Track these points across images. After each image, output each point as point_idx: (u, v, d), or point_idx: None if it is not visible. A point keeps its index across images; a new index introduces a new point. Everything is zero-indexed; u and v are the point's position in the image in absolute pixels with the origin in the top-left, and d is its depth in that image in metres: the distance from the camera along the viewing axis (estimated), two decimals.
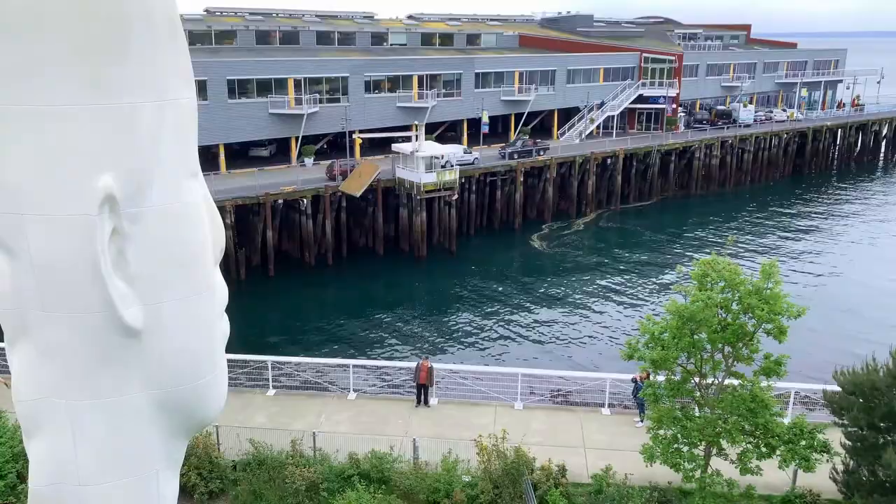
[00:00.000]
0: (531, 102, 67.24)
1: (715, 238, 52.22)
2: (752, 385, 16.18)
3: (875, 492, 14.84)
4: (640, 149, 62.25)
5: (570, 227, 55.36)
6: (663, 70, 76.09)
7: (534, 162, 55.85)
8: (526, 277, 44.52)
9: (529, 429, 20.22)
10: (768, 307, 15.76)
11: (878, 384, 15.87)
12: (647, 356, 16.62)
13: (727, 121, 74.10)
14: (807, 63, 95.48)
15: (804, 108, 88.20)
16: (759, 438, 15.84)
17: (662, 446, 16.03)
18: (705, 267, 16.59)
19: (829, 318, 35.35)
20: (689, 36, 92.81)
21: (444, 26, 79.13)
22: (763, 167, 71.14)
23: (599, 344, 34.26)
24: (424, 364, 21.80)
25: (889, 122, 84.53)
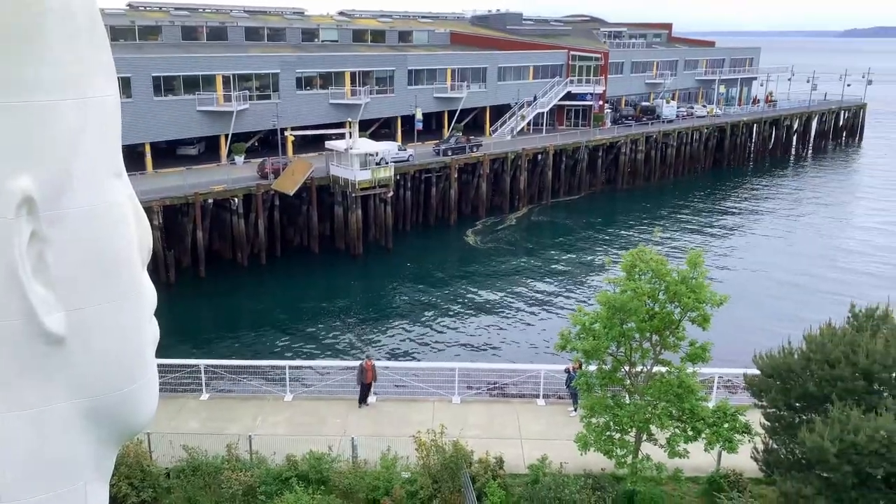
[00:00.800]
0: (464, 99, 67.62)
1: (642, 230, 53.82)
2: (679, 371, 16.75)
3: (792, 468, 15.61)
4: (569, 145, 63.48)
5: (503, 222, 56.02)
6: (590, 68, 77.79)
7: (467, 158, 56.21)
8: (461, 273, 44.81)
9: (467, 422, 20.41)
10: (694, 296, 16.33)
11: (794, 367, 16.69)
12: (579, 347, 16.95)
13: (651, 117, 76.40)
14: (724, 61, 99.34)
15: (722, 104, 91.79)
16: (686, 423, 16.42)
17: (595, 434, 16.43)
18: (633, 258, 17.00)
19: (749, 306, 36.96)
20: (615, 34, 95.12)
21: (376, 23, 78.65)
22: (685, 161, 73.68)
23: (534, 336, 34.82)
24: (368, 364, 21.68)
25: (799, 117, 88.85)
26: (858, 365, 15.43)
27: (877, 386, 15.63)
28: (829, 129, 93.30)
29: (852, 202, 65.00)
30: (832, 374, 15.70)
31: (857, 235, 53.98)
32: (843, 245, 51.35)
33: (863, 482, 14.44)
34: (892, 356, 15.33)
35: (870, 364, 15.34)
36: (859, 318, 17.10)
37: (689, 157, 74.02)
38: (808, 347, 16.82)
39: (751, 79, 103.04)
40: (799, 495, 14.77)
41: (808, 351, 16.77)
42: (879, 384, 15.62)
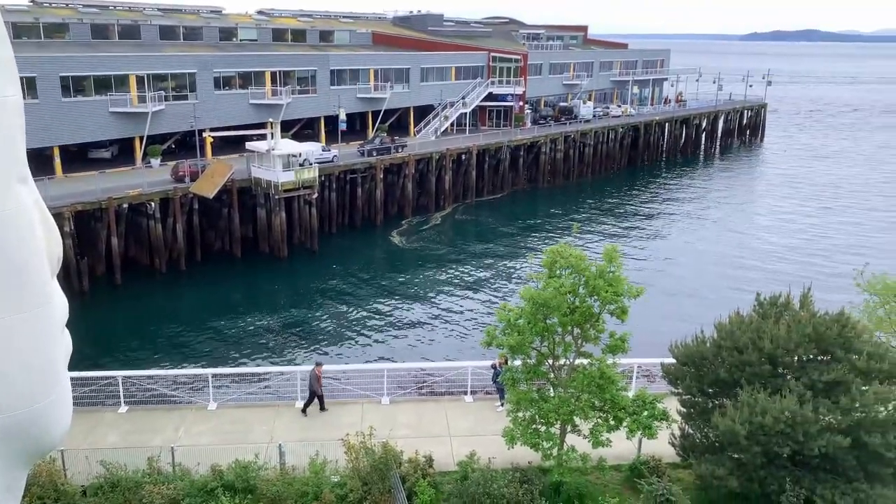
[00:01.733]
0: (387, 100, 67.42)
1: (563, 227, 55.09)
2: (600, 363, 17.22)
3: (707, 451, 16.35)
4: (491, 145, 64.30)
5: (429, 221, 56.20)
6: (510, 69, 79.00)
7: (393, 159, 56.08)
8: (388, 273, 44.69)
9: (397, 423, 20.38)
10: (611, 289, 16.82)
11: (706, 354, 17.48)
12: (504, 342, 17.16)
13: (569, 117, 78.28)
14: (637, 62, 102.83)
15: (636, 104, 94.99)
16: (608, 412, 16.91)
17: (522, 428, 16.71)
18: (554, 255, 17.33)
19: (665, 297, 38.45)
20: (533, 36, 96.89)
21: (296, 22, 77.33)
22: (602, 159, 75.87)
23: (461, 333, 35.10)
24: (319, 370, 21.37)
25: (707, 116, 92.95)
26: (764, 350, 16.29)
27: (781, 370, 16.54)
28: (734, 127, 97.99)
29: (756, 198, 68.51)
30: (741, 359, 16.52)
31: (761, 229, 56.96)
32: (749, 238, 54.06)
33: (770, 461, 15.28)
34: (793, 341, 16.26)
35: (774, 349, 16.23)
36: (764, 307, 18.04)
37: (605, 156, 76.25)
38: (719, 335, 17.64)
39: (662, 80, 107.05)
40: (713, 476, 15.48)
41: (718, 339, 17.58)
42: (783, 368, 16.53)
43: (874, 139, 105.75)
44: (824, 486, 14.72)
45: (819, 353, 16.41)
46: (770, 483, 15.14)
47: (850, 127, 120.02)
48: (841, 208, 62.72)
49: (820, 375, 15.62)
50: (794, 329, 16.35)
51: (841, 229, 55.91)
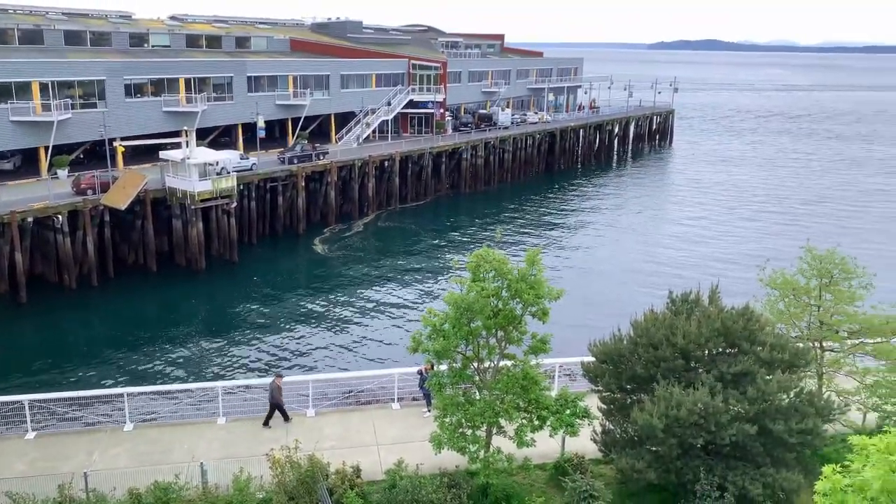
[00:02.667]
0: (307, 107, 66.39)
1: (485, 231, 55.65)
2: (523, 364, 17.44)
3: (627, 446, 16.77)
4: (414, 151, 64.34)
5: (352, 228, 55.63)
6: (430, 76, 79.35)
7: (314, 166, 55.22)
8: (311, 282, 43.89)
9: (323, 434, 19.97)
10: (533, 291, 17.04)
11: (623, 351, 17.95)
12: (430, 348, 17.11)
13: (489, 124, 79.28)
14: (552, 70, 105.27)
15: (552, 111, 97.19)
16: (532, 412, 17.12)
17: (449, 433, 16.69)
18: (477, 259, 17.43)
19: (583, 297, 39.36)
20: (451, 44, 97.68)
21: (211, 28, 75.14)
22: (521, 165, 77.20)
23: (387, 341, 34.81)
24: (278, 381, 20.62)
25: (619, 122, 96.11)
26: (677, 346, 16.86)
27: (693, 363, 17.16)
28: (645, 132, 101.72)
29: (667, 200, 71.23)
30: (656, 355, 17.04)
31: (672, 230, 59.23)
32: (661, 238, 56.12)
33: (685, 452, 15.81)
34: (704, 335, 16.90)
35: (686, 344, 16.82)
36: (676, 304, 18.69)
37: (524, 162, 77.62)
38: (635, 333, 18.15)
39: (576, 87, 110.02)
40: (633, 470, 15.89)
41: (634, 336, 18.09)
42: (695, 361, 17.16)
43: (773, 143, 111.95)
44: (735, 472, 15.34)
45: (727, 346, 17.13)
46: (686, 473, 15.66)
47: (751, 132, 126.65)
48: (744, 209, 65.98)
49: (728, 367, 16.30)
50: (704, 324, 17.00)
51: (744, 229, 58.80)
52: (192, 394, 23.78)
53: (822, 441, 16.18)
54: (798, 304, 20.55)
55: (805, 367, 17.40)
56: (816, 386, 19.34)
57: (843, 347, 20.23)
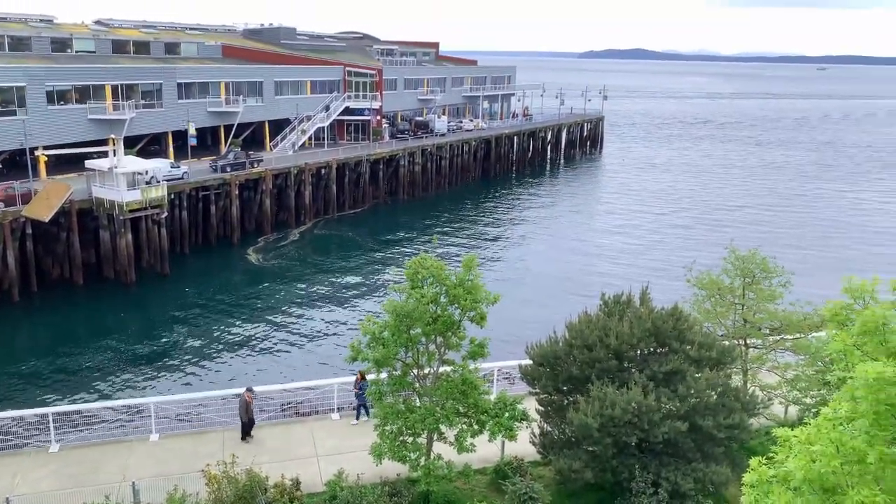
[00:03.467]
0: (240, 114, 65.00)
1: (423, 238, 55.66)
2: (463, 369, 17.47)
3: (564, 447, 17.00)
4: (351, 158, 63.84)
5: (288, 237, 54.71)
6: (366, 83, 79.00)
7: (248, 174, 54.09)
8: (246, 293, 42.87)
9: (261, 448, 19.50)
10: (471, 297, 17.11)
11: (560, 353, 18.21)
12: (370, 356, 16.95)
13: (425, 131, 79.46)
14: (486, 78, 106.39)
15: (487, 119, 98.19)
16: (472, 417, 17.17)
17: (389, 442, 16.56)
18: (415, 266, 17.39)
19: (520, 301, 39.82)
20: (387, 52, 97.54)
21: (139, 34, 72.72)
22: (458, 172, 77.66)
23: (326, 350, 34.33)
24: (248, 396, 19.97)
25: (552, 129, 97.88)
26: (611, 346, 17.23)
27: (626, 363, 17.56)
28: (577, 139, 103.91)
29: (599, 205, 72.89)
30: (590, 356, 17.37)
31: (604, 233, 60.65)
32: (594, 242, 57.37)
33: (620, 451, 16.14)
34: (636, 336, 17.33)
35: (619, 344, 17.20)
36: (609, 306, 19.10)
37: (461, 168, 78.11)
38: (570, 335, 18.45)
39: (510, 95, 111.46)
40: (570, 470, 16.12)
41: (570, 338, 18.38)
42: (628, 361, 17.57)
43: (698, 149, 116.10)
44: (668, 469, 15.76)
45: (658, 345, 17.61)
46: (621, 471, 15.99)
47: (677, 138, 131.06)
48: (672, 213, 68.13)
49: (660, 366, 16.75)
50: (635, 325, 17.43)
51: (672, 232, 60.71)
52: (122, 411, 22.86)
53: (748, 435, 16.79)
54: (723, 303, 21.33)
55: (731, 364, 18.05)
56: (742, 382, 20.11)
57: (766, 344, 21.10)
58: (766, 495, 8.74)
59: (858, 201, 74.38)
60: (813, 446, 8.66)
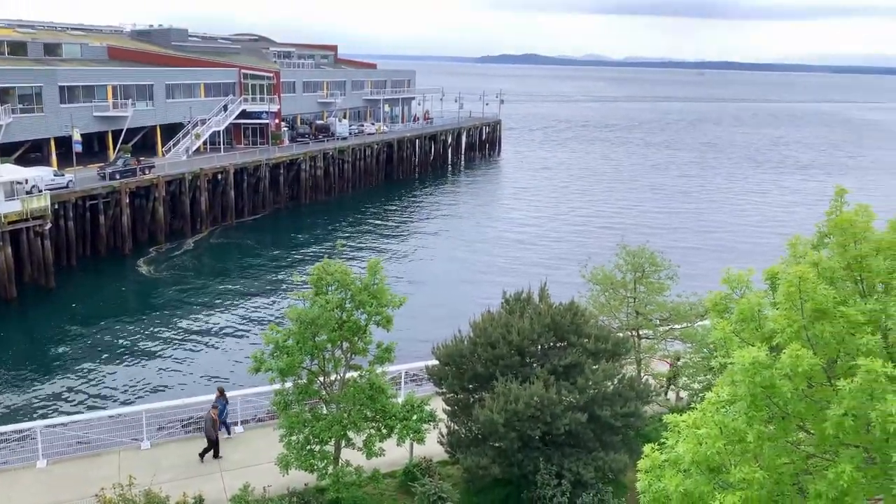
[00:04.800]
0: (129, 118, 61.67)
1: (327, 243, 54.83)
2: (370, 374, 17.33)
3: (471, 444, 17.19)
4: (249, 163, 62.00)
5: (183, 247, 52.43)
6: (263, 86, 76.98)
7: (139, 181, 51.43)
8: (139, 307, 40.70)
9: (161, 467, 18.55)
10: (376, 301, 17.00)
11: (465, 352, 18.40)
12: (274, 366, 16.51)
13: (326, 134, 78.37)
14: (386, 82, 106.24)
15: (388, 122, 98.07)
16: (380, 422, 17.06)
17: (296, 451, 16.18)
18: (319, 271, 17.10)
19: (426, 302, 39.94)
20: (284, 54, 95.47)
21: (14, 33, 67.50)
22: (361, 175, 77.09)
23: (227, 363, 33.12)
24: (213, 413, 18.93)
25: (452, 132, 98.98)
26: (513, 343, 17.58)
27: (528, 359, 17.97)
28: (476, 142, 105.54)
29: (499, 206, 74.36)
30: (494, 353, 17.65)
31: (505, 233, 61.93)
32: (494, 242, 58.45)
33: (525, 444, 16.49)
34: (536, 331, 17.76)
35: (521, 340, 17.58)
36: (510, 303, 19.49)
37: (363, 172, 77.57)
38: (474, 333, 18.68)
39: (410, 98, 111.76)
40: (478, 467, 16.31)
41: (474, 336, 18.61)
42: (530, 357, 17.98)
43: (590, 150, 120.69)
44: (570, 460, 16.25)
45: (557, 339, 18.13)
46: (527, 465, 16.34)
47: (572, 140, 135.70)
48: (567, 212, 70.46)
49: (559, 360, 17.25)
50: (535, 321, 17.87)
51: (568, 230, 62.81)
52: (4, 436, 21.15)
53: (642, 422, 17.59)
54: (616, 296, 22.27)
55: (626, 355, 18.85)
56: (636, 371, 21.05)
57: (657, 334, 22.20)
58: (658, 479, 9.18)
59: (736, 197, 79.72)
60: (699, 430, 9.17)
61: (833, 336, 8.97)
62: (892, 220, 10.11)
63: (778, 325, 9.36)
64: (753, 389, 8.79)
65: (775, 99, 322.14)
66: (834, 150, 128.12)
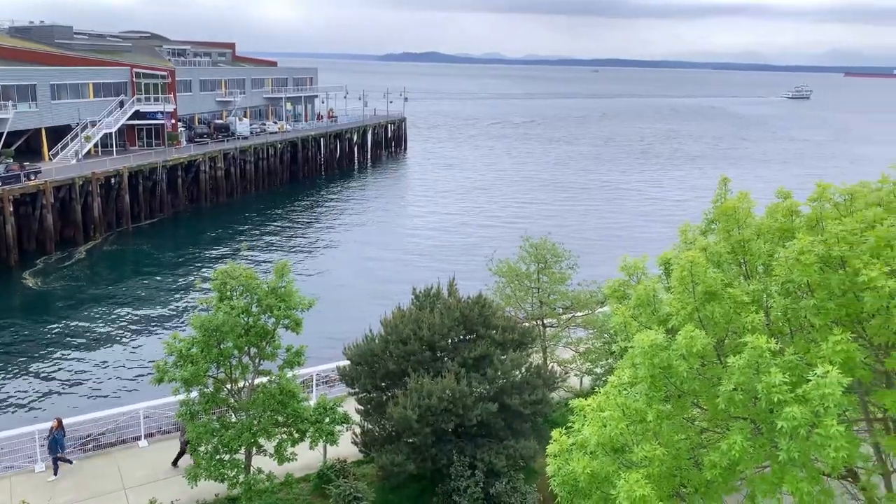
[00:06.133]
0: (10, 121, 57.13)
1: (231, 247, 52.95)
2: (280, 378, 16.87)
3: (385, 442, 17.07)
4: (144, 165, 58.93)
5: (74, 256, 49.19)
6: (157, 85, 73.33)
7: (24, 188, 47.76)
8: (28, 322, 37.79)
9: (57, 489, 17.33)
10: (284, 304, 16.55)
11: (376, 350, 18.24)
12: (178, 376, 15.83)
13: (226, 134, 75.63)
14: (288, 80, 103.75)
15: (291, 121, 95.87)
16: (292, 426, 16.64)
17: (205, 462, 15.53)
18: (223, 276, 16.52)
19: (337, 303, 39.34)
20: (179, 52, 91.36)
21: None
22: (264, 176, 74.92)
23: (127, 376, 31.34)
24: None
25: (357, 130, 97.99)
26: (424, 338, 17.59)
27: (439, 353, 18.03)
28: (382, 140, 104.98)
29: (407, 203, 74.32)
30: (405, 350, 17.60)
31: (414, 230, 61.97)
32: (404, 238, 58.36)
33: (439, 438, 16.55)
34: (446, 326, 17.84)
35: (432, 335, 17.61)
36: (420, 299, 19.50)
37: (267, 172, 75.44)
38: (385, 331, 18.57)
39: (313, 96, 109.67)
40: (393, 465, 16.22)
41: (385, 334, 18.49)
42: (441, 351, 18.05)
43: (494, 146, 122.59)
44: (482, 450, 16.44)
45: (467, 332, 18.30)
46: (441, 458, 16.40)
47: (477, 137, 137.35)
48: (473, 208, 71.29)
49: (469, 353, 17.41)
50: (445, 315, 17.96)
51: (475, 225, 63.58)
52: None
53: (550, 408, 18.04)
54: (521, 287, 22.72)
55: (532, 344, 19.26)
56: (542, 359, 21.56)
57: (560, 322, 22.83)
58: (567, 462, 9.40)
59: (632, 188, 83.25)
60: (603, 412, 9.47)
61: (722, 316, 9.48)
62: (770, 206, 10.80)
63: (672, 308, 9.80)
64: (652, 371, 9.16)
65: (664, 94, 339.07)
66: (719, 142, 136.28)
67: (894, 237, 8.75)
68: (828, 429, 7.62)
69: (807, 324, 9.28)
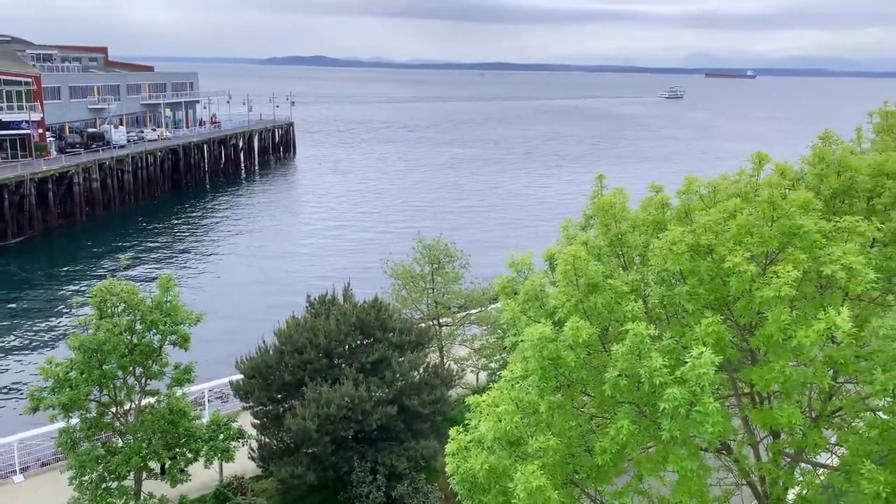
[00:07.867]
0: None
1: (110, 262, 49.63)
2: (168, 398, 16.00)
3: (284, 455, 16.58)
4: (9, 179, 54.15)
5: None
6: (20, 93, 67.61)
7: None
8: None
9: None
10: (170, 319, 15.72)
11: (270, 362, 17.69)
12: (55, 402, 14.71)
13: (101, 143, 70.92)
14: (166, 85, 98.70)
15: (171, 127, 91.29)
16: (184, 446, 15.82)
17: (89, 492, 14.46)
18: (102, 293, 15.54)
19: (228, 315, 37.81)
20: (44, 57, 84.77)
21: None
22: (144, 185, 70.85)
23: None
24: None
25: (243, 136, 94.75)
26: (320, 346, 17.23)
27: (336, 360, 17.74)
28: (269, 145, 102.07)
29: (297, 209, 72.64)
30: (302, 359, 17.18)
31: (305, 236, 60.69)
32: (295, 245, 57.04)
33: (339, 447, 16.26)
34: (342, 332, 17.57)
35: (328, 343, 17.29)
36: (315, 306, 19.09)
37: (147, 181, 71.41)
38: (280, 341, 18.04)
39: (194, 102, 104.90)
40: (293, 477, 15.79)
41: (280, 345, 17.98)
42: (338, 357, 17.76)
43: (385, 150, 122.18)
44: (383, 454, 16.33)
45: (364, 337, 18.12)
46: (342, 466, 16.13)
47: (366, 141, 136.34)
48: (367, 210, 70.80)
49: (367, 357, 17.24)
50: (341, 321, 17.69)
51: (368, 228, 63.14)
52: None
53: (449, 407, 18.18)
54: (417, 288, 22.79)
55: (429, 344, 19.35)
56: (439, 358, 21.71)
57: (455, 321, 23.09)
58: (465, 460, 9.46)
59: (518, 188, 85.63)
60: (498, 407, 9.61)
61: (604, 306, 9.87)
62: (644, 200, 11.38)
63: (558, 301, 10.10)
64: (542, 363, 9.39)
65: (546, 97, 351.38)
66: (599, 141, 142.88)
67: (753, 225, 9.45)
68: (706, 406, 8.09)
69: (681, 309, 9.83)
